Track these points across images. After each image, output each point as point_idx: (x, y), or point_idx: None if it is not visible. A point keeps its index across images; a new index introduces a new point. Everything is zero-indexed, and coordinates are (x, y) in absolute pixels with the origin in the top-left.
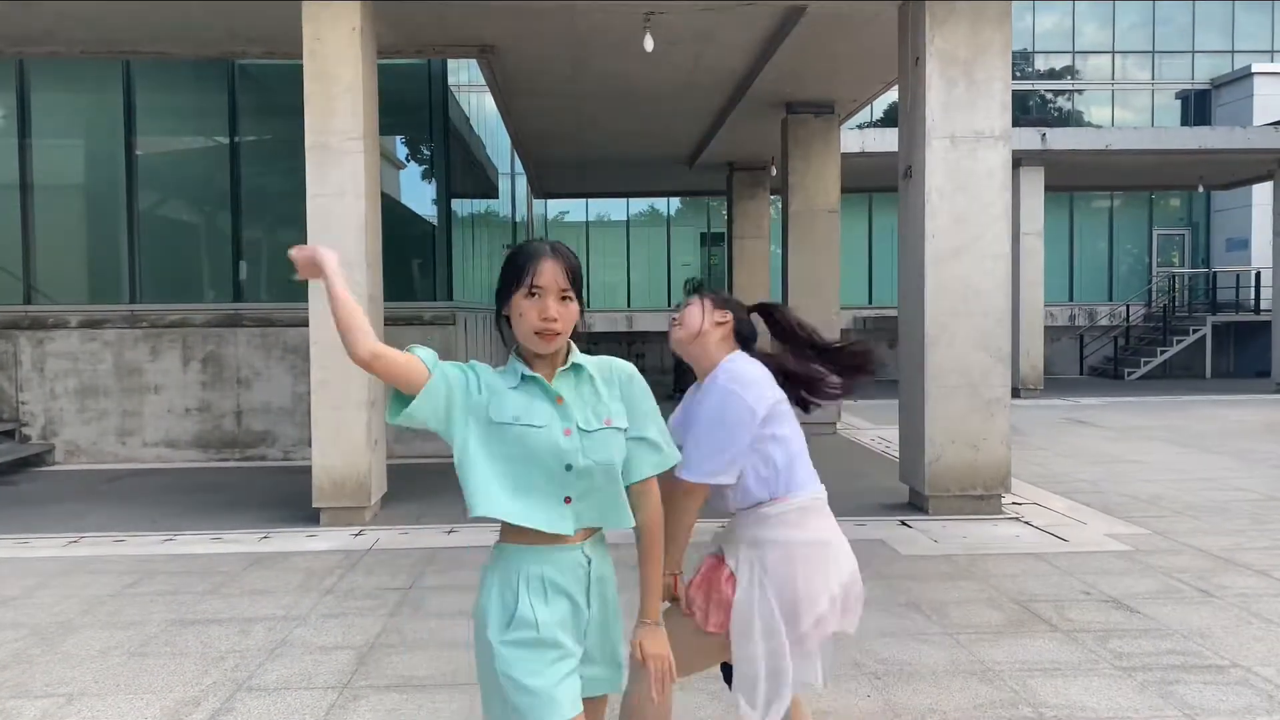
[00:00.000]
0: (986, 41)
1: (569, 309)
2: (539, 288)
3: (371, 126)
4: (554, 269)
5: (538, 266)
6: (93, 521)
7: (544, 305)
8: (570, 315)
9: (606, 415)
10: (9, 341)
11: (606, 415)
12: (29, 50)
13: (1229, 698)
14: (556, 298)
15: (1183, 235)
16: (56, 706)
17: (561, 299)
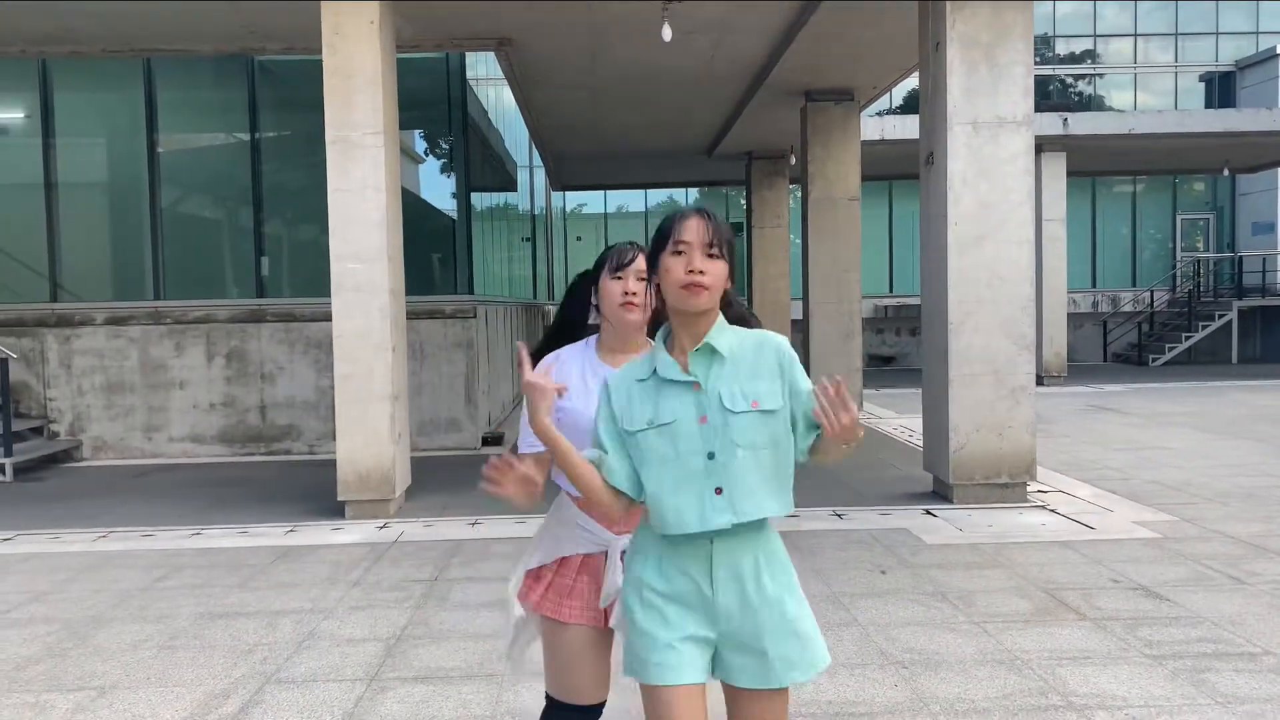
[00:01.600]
0: (1008, 25)
1: (716, 266)
2: (685, 243)
3: (391, 121)
4: (700, 226)
5: (683, 224)
6: (121, 516)
7: (689, 259)
8: (717, 272)
9: (753, 397)
10: (36, 339)
11: (753, 397)
12: (50, 50)
13: (1263, 685)
14: (702, 253)
15: (1207, 219)
16: (89, 699)
17: (708, 256)
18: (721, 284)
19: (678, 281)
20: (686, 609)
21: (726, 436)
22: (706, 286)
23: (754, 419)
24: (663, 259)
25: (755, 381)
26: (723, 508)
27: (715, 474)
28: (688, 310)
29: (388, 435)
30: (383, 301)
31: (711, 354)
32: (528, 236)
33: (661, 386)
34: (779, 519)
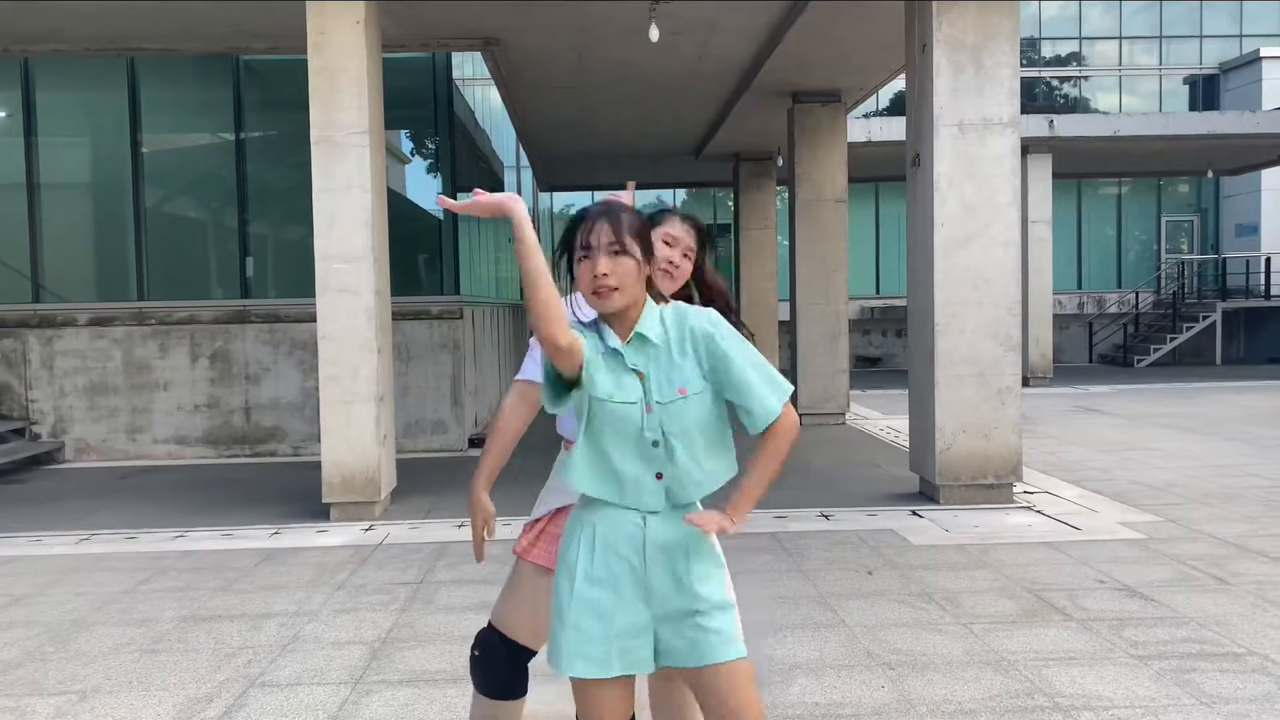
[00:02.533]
0: (995, 27)
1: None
2: (588, 247)
3: (377, 120)
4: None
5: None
6: (104, 519)
7: (594, 263)
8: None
9: (680, 384)
10: (18, 340)
11: (680, 384)
12: (33, 48)
13: (1247, 686)
14: (607, 254)
15: (1192, 221)
16: (70, 704)
17: (613, 254)
18: (633, 278)
19: (587, 288)
20: (618, 594)
21: (665, 426)
22: (615, 287)
23: (683, 405)
24: (576, 264)
25: (680, 367)
26: (659, 491)
27: (657, 461)
28: (605, 312)
29: (373, 437)
30: (368, 302)
31: (643, 342)
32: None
33: (616, 364)
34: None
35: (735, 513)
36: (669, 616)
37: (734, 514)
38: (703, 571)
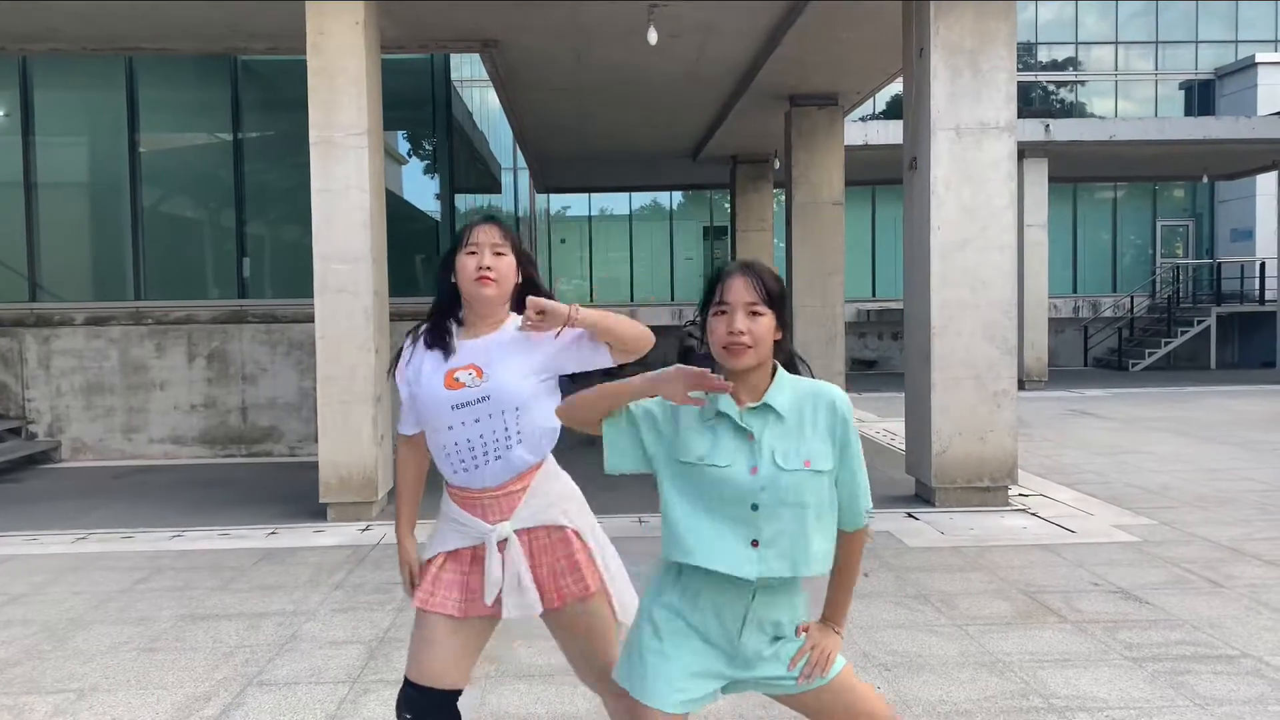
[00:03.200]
0: (991, 32)
1: (760, 323)
2: (726, 304)
3: (376, 121)
4: (741, 285)
5: (726, 283)
6: (100, 518)
7: (731, 320)
8: (761, 330)
9: (806, 456)
10: (14, 339)
11: (806, 456)
12: (31, 47)
13: (1240, 688)
14: (745, 313)
15: (1187, 226)
16: (68, 702)
17: (751, 314)
18: (767, 339)
19: (719, 342)
20: (706, 645)
21: (774, 492)
22: (749, 346)
23: (805, 477)
24: (709, 317)
25: (810, 440)
26: (755, 559)
27: (755, 526)
28: (733, 369)
29: (370, 438)
30: (366, 303)
31: (768, 411)
32: None
33: (719, 426)
34: None
35: (840, 630)
36: (756, 677)
37: (840, 631)
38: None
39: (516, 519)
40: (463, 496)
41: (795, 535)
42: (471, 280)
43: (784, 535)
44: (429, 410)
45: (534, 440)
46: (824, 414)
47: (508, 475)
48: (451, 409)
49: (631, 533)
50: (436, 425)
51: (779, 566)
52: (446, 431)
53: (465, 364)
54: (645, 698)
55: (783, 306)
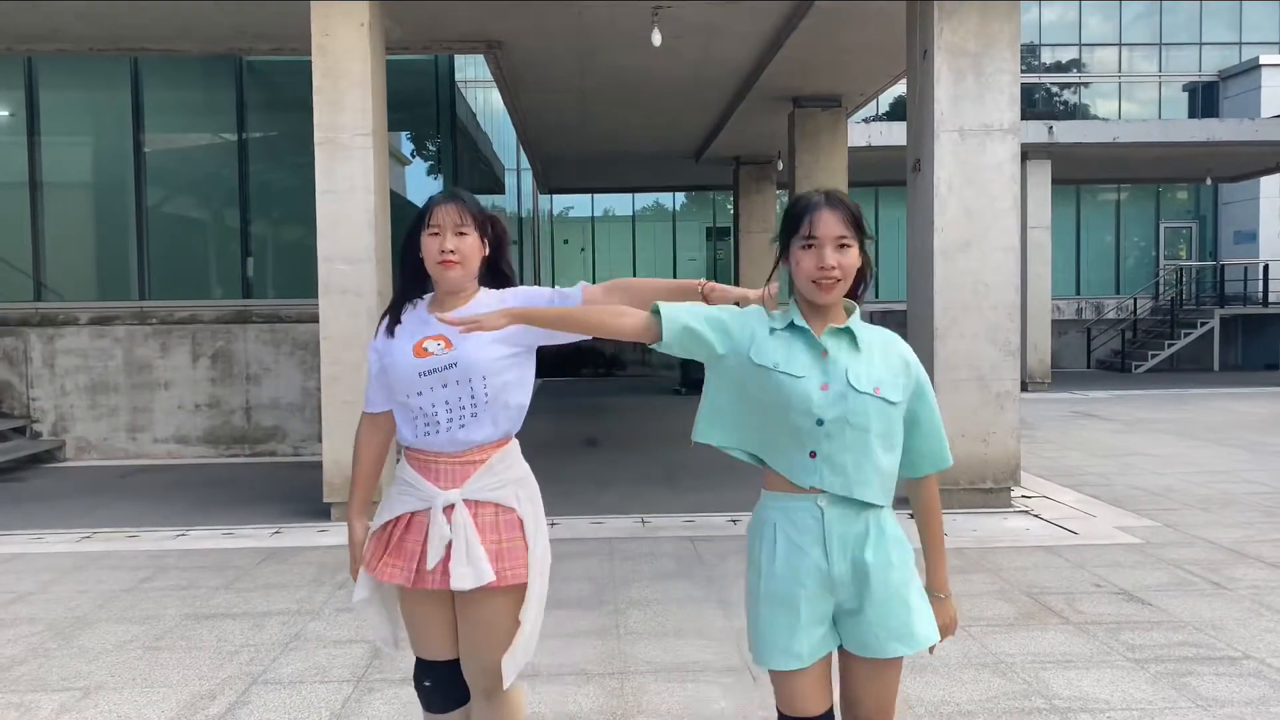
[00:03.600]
0: (995, 34)
1: (848, 256)
2: (815, 238)
3: (380, 122)
4: (830, 219)
5: (815, 217)
6: (105, 517)
7: (821, 255)
8: (849, 263)
9: (876, 384)
10: (20, 339)
11: (876, 384)
12: (37, 47)
13: (1242, 689)
14: (834, 247)
15: (1190, 228)
16: (74, 700)
17: (840, 247)
18: (853, 271)
19: (808, 276)
20: (804, 588)
21: (840, 411)
22: (839, 279)
23: (872, 403)
24: (793, 249)
25: (881, 372)
26: (811, 470)
27: (815, 440)
28: (818, 303)
29: None
30: (370, 303)
31: (846, 335)
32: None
33: (794, 340)
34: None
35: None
36: (845, 602)
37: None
38: (883, 556)
39: (467, 489)
40: (420, 459)
41: (856, 458)
42: (435, 264)
43: (844, 454)
44: (397, 378)
45: (497, 411)
46: (896, 356)
47: (468, 444)
48: (419, 375)
49: (636, 533)
50: (407, 392)
51: (834, 482)
52: (416, 397)
53: (435, 334)
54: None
55: (864, 234)
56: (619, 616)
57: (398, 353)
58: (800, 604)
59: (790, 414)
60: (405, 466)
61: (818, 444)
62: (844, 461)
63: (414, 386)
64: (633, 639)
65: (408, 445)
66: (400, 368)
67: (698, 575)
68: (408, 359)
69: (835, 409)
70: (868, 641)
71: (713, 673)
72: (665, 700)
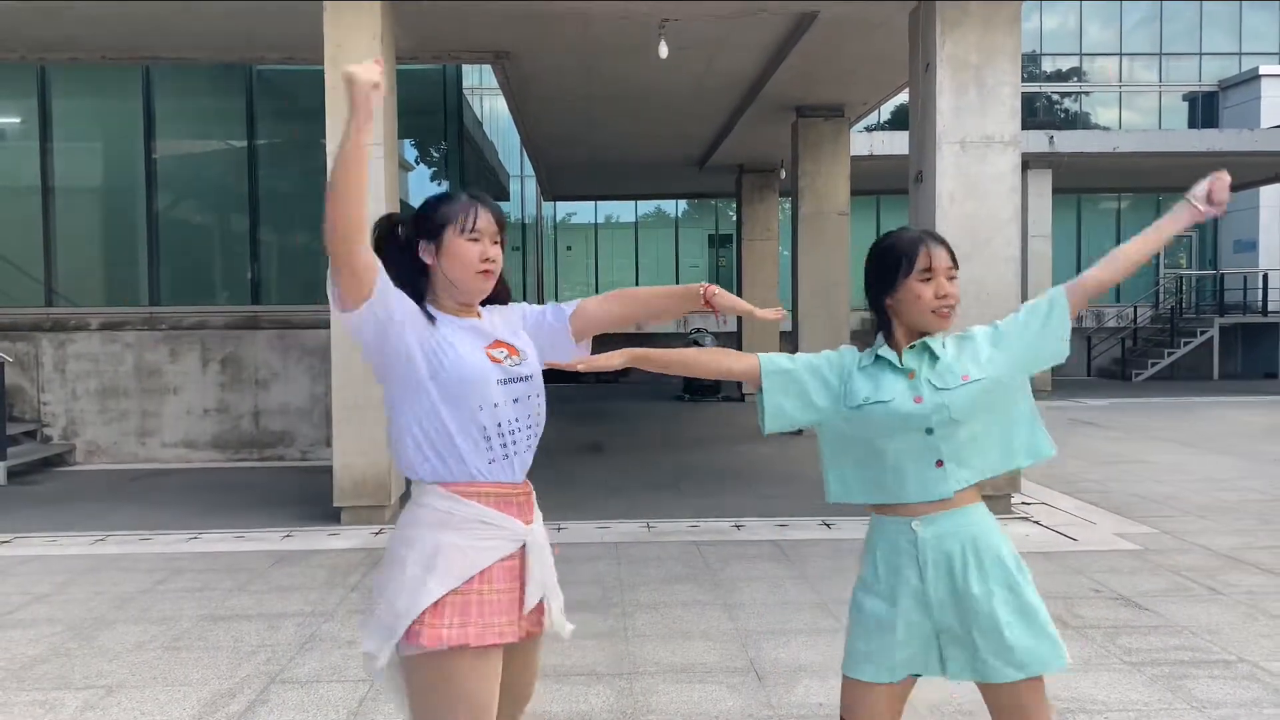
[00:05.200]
0: (997, 47)
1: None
2: (931, 270)
3: (391, 133)
4: (942, 253)
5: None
6: (117, 520)
7: (939, 284)
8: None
9: (961, 373)
10: (31, 344)
11: (961, 373)
12: (51, 56)
13: (1236, 691)
14: (947, 277)
15: (1190, 237)
16: (98, 697)
17: (950, 279)
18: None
19: (928, 306)
20: (896, 605)
21: (941, 412)
22: (953, 306)
23: (964, 392)
24: (908, 283)
25: (959, 362)
26: (942, 477)
27: (934, 448)
28: (935, 331)
29: (384, 442)
30: None
31: (925, 350)
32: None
33: (880, 370)
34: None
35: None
36: (948, 630)
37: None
38: (983, 581)
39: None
40: (495, 494)
41: (974, 447)
42: (475, 272)
43: (963, 449)
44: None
45: None
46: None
47: (526, 470)
48: (498, 383)
49: (642, 538)
50: (480, 402)
51: (967, 475)
52: (491, 409)
53: (492, 341)
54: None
55: None
56: (627, 619)
57: (462, 352)
58: (894, 622)
59: (897, 436)
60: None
61: (939, 452)
62: (966, 455)
63: (490, 397)
64: (641, 640)
65: (477, 480)
66: (473, 372)
67: (703, 579)
68: (482, 361)
69: (936, 414)
70: (975, 666)
71: (719, 673)
72: (673, 700)
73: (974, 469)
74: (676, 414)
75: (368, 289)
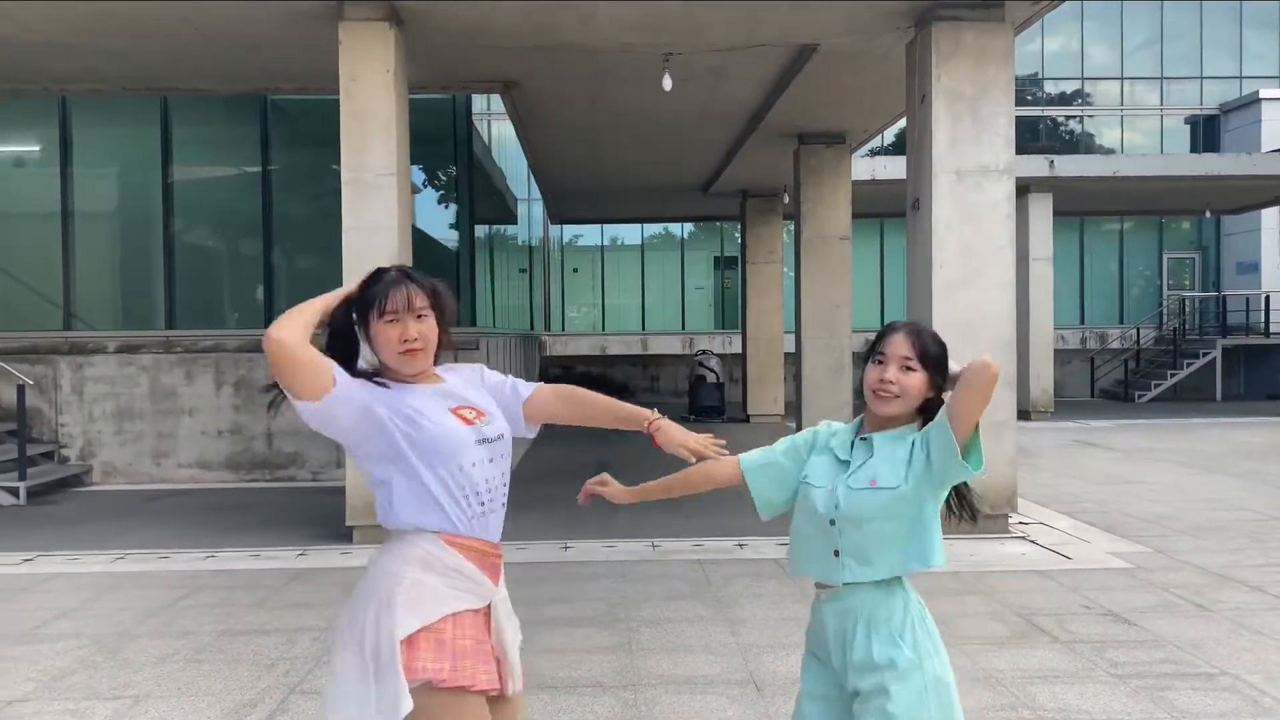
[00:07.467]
0: (991, 79)
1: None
2: (883, 354)
3: (404, 163)
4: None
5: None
6: (136, 539)
7: (884, 370)
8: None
9: (873, 477)
10: (49, 366)
11: (873, 477)
12: (72, 88)
13: (1216, 703)
14: (899, 366)
15: (1193, 258)
16: (126, 707)
17: (905, 369)
18: (914, 393)
19: (870, 386)
20: (821, 665)
21: (844, 510)
22: (896, 395)
23: (867, 496)
24: (868, 364)
25: (885, 464)
26: (838, 566)
27: (833, 538)
28: (877, 413)
29: None
30: None
31: (868, 444)
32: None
33: (833, 452)
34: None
35: None
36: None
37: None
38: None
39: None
40: (477, 550)
41: (870, 546)
42: (396, 354)
43: (859, 546)
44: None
45: None
46: (905, 443)
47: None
48: (476, 443)
49: (647, 557)
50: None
51: (858, 572)
52: (470, 469)
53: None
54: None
55: (941, 370)
56: (632, 634)
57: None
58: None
59: (813, 518)
60: (451, 553)
61: (836, 543)
62: (860, 552)
63: (468, 457)
64: (645, 654)
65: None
66: (449, 435)
67: (706, 596)
68: (457, 425)
69: (839, 510)
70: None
71: (721, 685)
72: (676, 710)
73: (873, 567)
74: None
75: (327, 381)
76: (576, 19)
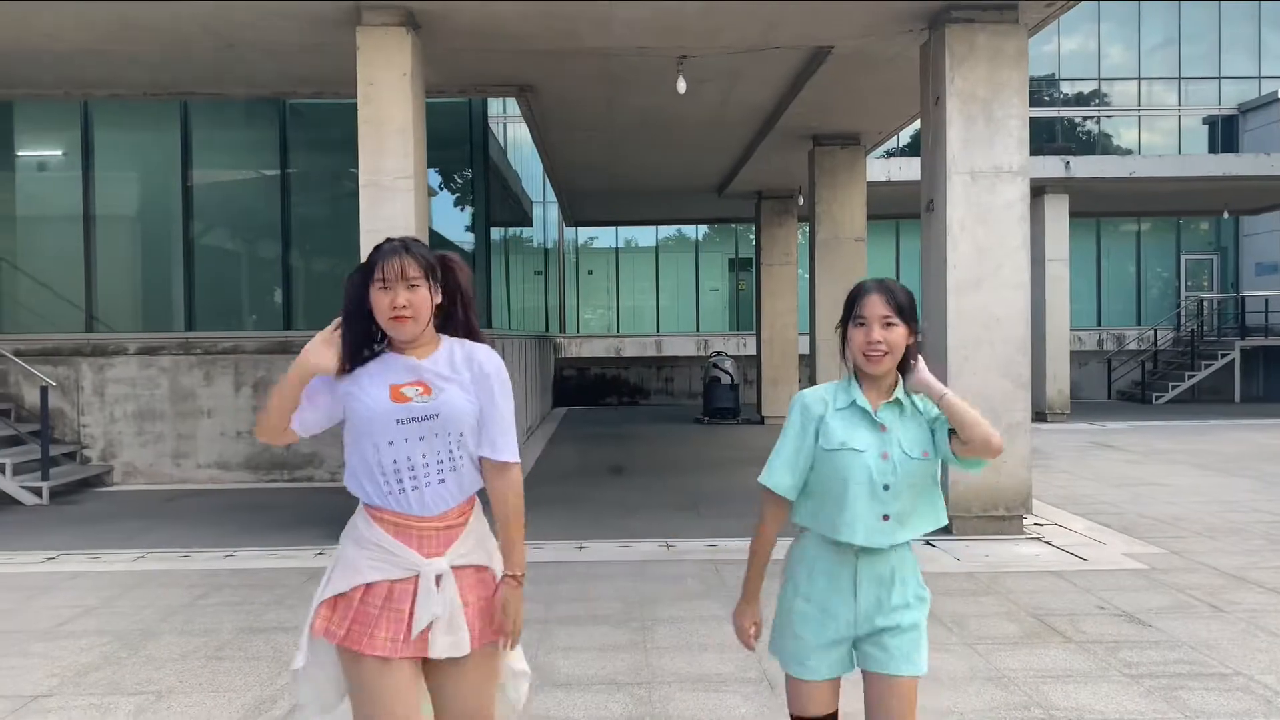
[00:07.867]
0: (1004, 80)
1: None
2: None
3: (421, 166)
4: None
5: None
6: (156, 538)
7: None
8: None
9: (925, 448)
10: (71, 368)
11: (925, 448)
12: (95, 93)
13: (1229, 703)
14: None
15: (1211, 259)
16: (149, 702)
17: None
18: (900, 346)
19: (859, 349)
20: (832, 614)
21: (901, 475)
22: (886, 353)
23: (921, 464)
24: (849, 328)
25: (923, 432)
26: (887, 531)
27: (886, 503)
28: (871, 373)
29: None
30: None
31: (899, 407)
32: (539, 270)
33: (856, 417)
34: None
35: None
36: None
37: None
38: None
39: (453, 554)
40: (395, 523)
41: (914, 508)
42: (388, 319)
43: (908, 509)
44: (365, 422)
45: (474, 471)
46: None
47: (449, 504)
48: (395, 423)
49: (662, 556)
50: (374, 440)
51: (905, 534)
52: (386, 448)
53: (411, 380)
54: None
55: (914, 317)
56: (646, 632)
57: (368, 394)
58: (825, 626)
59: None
60: (373, 527)
61: (888, 507)
62: (908, 515)
63: (385, 435)
64: (659, 652)
65: (372, 505)
66: (372, 412)
67: (720, 595)
68: (383, 403)
69: (896, 475)
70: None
71: (734, 683)
72: (690, 707)
73: (909, 529)
74: (695, 436)
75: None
76: (592, 22)
